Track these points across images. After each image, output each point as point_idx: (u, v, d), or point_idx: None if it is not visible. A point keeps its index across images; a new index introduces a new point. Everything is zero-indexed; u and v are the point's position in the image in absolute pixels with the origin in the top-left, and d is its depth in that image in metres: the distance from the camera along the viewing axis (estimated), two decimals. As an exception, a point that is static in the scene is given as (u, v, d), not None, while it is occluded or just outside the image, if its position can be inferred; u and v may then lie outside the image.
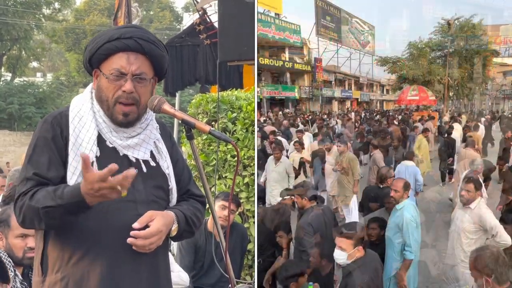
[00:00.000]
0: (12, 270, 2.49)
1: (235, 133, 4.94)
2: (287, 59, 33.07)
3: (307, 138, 11.31)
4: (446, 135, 13.50)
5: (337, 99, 42.58)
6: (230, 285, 2.21)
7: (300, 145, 9.02)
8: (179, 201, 1.96)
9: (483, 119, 17.95)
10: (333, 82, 42.05)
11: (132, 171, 1.55)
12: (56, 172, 1.70)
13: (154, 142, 1.88)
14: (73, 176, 1.69)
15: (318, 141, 9.91)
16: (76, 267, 1.67)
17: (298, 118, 23.88)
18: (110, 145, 1.76)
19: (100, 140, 1.75)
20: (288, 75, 34.14)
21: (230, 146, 4.89)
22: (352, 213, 6.93)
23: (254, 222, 4.80)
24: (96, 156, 1.71)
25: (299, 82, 36.42)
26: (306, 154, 9.00)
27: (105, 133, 1.76)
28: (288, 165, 7.99)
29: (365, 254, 3.43)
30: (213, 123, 4.96)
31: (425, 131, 11.99)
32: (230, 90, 5.48)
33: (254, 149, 4.87)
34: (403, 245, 4.49)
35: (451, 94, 33.36)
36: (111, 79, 1.73)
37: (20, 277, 2.55)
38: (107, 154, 1.74)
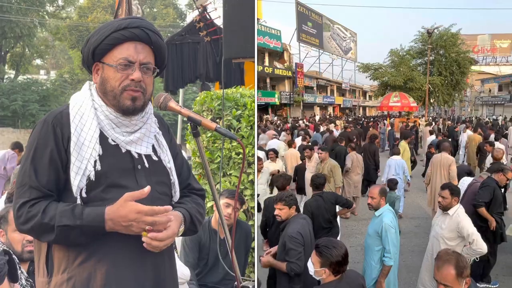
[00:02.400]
0: (18, 267, 2.49)
1: (239, 130, 4.93)
2: (267, 64, 32.71)
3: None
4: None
5: (319, 104, 42.24)
6: (235, 283, 2.20)
7: (275, 154, 8.90)
8: (181, 197, 1.96)
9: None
10: (314, 88, 41.81)
11: (169, 207, 1.69)
12: (57, 177, 1.69)
13: (155, 135, 1.88)
14: (77, 176, 1.67)
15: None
16: (83, 267, 1.66)
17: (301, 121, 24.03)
18: (113, 143, 1.75)
19: (102, 138, 1.73)
20: (268, 80, 33.85)
21: (235, 144, 4.88)
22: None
23: (255, 220, 4.79)
24: (99, 155, 1.70)
25: (279, 88, 36.14)
26: (280, 165, 8.89)
27: (107, 130, 1.75)
28: (267, 173, 7.90)
29: (338, 279, 3.11)
30: (217, 120, 4.94)
31: (407, 137, 12.13)
32: (234, 88, 5.46)
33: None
34: (382, 252, 4.46)
35: (432, 100, 33.73)
36: (119, 68, 1.72)
37: (25, 274, 2.56)
38: (110, 151, 1.74)
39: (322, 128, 17.97)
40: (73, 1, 34.90)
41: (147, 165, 1.80)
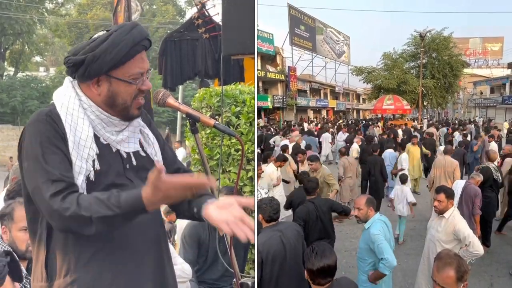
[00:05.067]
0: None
1: (238, 127, 4.92)
2: (260, 68, 32.44)
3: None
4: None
5: (313, 108, 41.89)
6: (234, 279, 2.20)
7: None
8: None
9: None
10: (308, 91, 41.51)
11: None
12: (71, 170, 1.64)
13: (140, 129, 1.88)
14: (79, 175, 1.64)
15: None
16: (86, 269, 1.64)
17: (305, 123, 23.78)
18: (104, 142, 1.75)
19: (95, 137, 1.72)
20: (260, 84, 33.40)
21: (233, 140, 4.88)
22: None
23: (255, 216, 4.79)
24: (97, 154, 1.69)
25: (272, 92, 35.86)
26: (274, 168, 8.83)
27: (99, 130, 1.73)
28: (267, 177, 7.76)
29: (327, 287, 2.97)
30: (216, 117, 4.93)
31: (412, 137, 12.10)
32: (233, 84, 5.46)
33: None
34: (374, 264, 4.25)
35: (425, 103, 33.83)
36: (137, 83, 1.73)
37: (25, 271, 2.55)
38: (103, 151, 1.73)
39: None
40: (72, -2, 34.87)
41: (134, 163, 1.81)
